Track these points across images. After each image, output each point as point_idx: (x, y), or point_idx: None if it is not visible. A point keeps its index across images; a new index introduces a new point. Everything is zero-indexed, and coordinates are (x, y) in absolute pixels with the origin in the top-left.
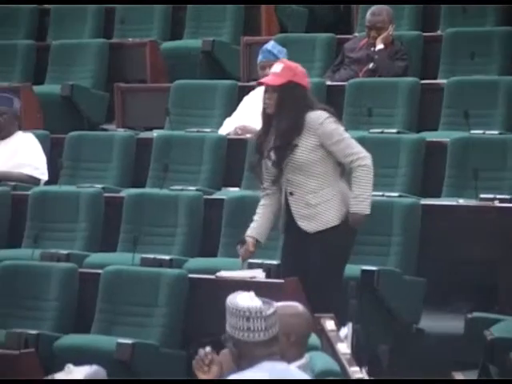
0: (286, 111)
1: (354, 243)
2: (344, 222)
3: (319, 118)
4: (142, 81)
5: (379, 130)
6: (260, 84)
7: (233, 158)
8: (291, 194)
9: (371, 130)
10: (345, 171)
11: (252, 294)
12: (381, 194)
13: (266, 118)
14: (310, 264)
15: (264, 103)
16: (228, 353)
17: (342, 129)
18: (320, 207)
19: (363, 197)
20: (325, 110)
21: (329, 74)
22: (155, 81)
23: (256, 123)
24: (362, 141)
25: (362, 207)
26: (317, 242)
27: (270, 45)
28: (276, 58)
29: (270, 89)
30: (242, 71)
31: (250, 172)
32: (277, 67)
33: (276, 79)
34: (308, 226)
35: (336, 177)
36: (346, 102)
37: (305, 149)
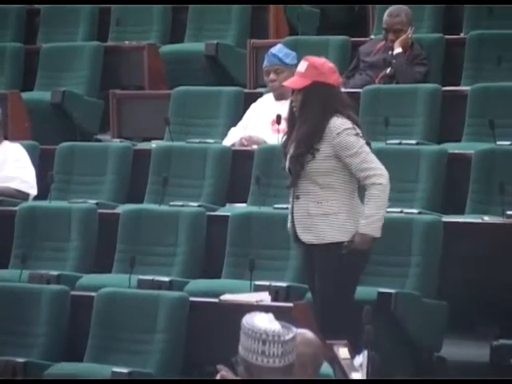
0: (308, 114)
1: (366, 264)
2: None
3: (338, 127)
4: (139, 87)
5: (397, 141)
6: (283, 86)
7: (238, 172)
8: (297, 197)
9: (388, 141)
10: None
11: (271, 315)
12: (399, 210)
13: (292, 120)
14: (316, 283)
15: (292, 106)
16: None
17: (361, 142)
18: (318, 219)
19: (375, 218)
20: (349, 118)
21: (342, 79)
22: (154, 87)
23: (264, 133)
24: (378, 153)
25: (372, 229)
26: (320, 258)
27: (276, 48)
28: (281, 63)
29: (296, 91)
30: (249, 77)
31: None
32: (301, 66)
33: (299, 81)
34: (304, 236)
35: (348, 191)
36: (361, 110)
37: (317, 156)
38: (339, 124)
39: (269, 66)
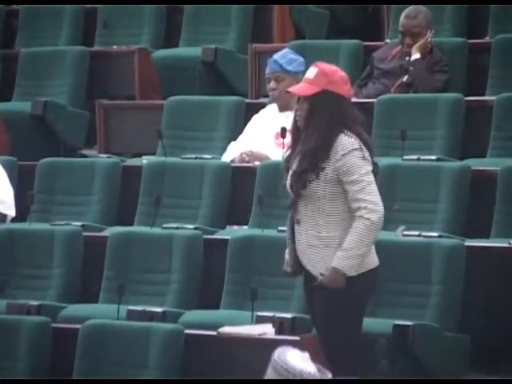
0: (315, 126)
1: (370, 296)
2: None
3: (345, 147)
4: (129, 97)
5: (415, 157)
6: (288, 93)
7: (239, 191)
8: (298, 222)
9: (405, 157)
10: None
11: (306, 354)
12: (417, 233)
13: (297, 133)
14: (316, 315)
15: (296, 115)
16: None
17: (365, 168)
18: (315, 249)
19: (352, 253)
20: (359, 136)
21: (354, 88)
22: (145, 97)
23: (267, 148)
24: (394, 170)
25: (346, 265)
26: (318, 291)
27: (279, 54)
28: (282, 70)
29: (301, 99)
30: (250, 85)
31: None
32: (310, 72)
33: (307, 88)
34: (310, 267)
35: (351, 221)
36: (375, 122)
37: (321, 177)
38: (346, 144)
39: (269, 74)
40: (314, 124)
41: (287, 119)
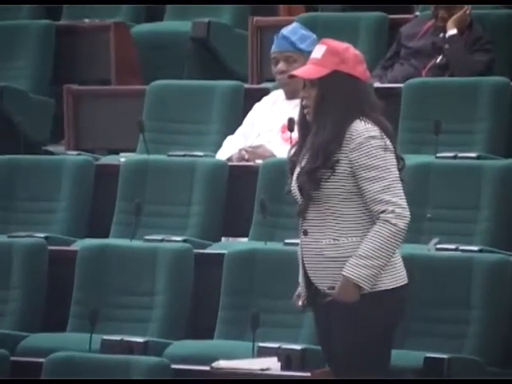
0: (328, 115)
1: (399, 320)
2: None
3: (361, 134)
4: (103, 81)
5: (451, 154)
6: (292, 77)
7: (237, 195)
8: (305, 233)
9: (439, 154)
10: None
11: None
12: (454, 247)
13: (304, 126)
14: (333, 348)
15: (301, 105)
16: None
17: (389, 161)
18: (334, 263)
19: (370, 263)
20: (378, 123)
21: (378, 71)
22: (123, 81)
23: (272, 143)
24: (425, 170)
25: (360, 275)
26: (337, 315)
27: (289, 29)
28: (294, 49)
29: (307, 83)
30: (251, 67)
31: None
32: (317, 51)
33: (314, 70)
34: (318, 282)
35: (370, 226)
36: (403, 112)
37: (336, 173)
38: (363, 129)
39: (277, 53)
40: (325, 112)
41: (296, 109)
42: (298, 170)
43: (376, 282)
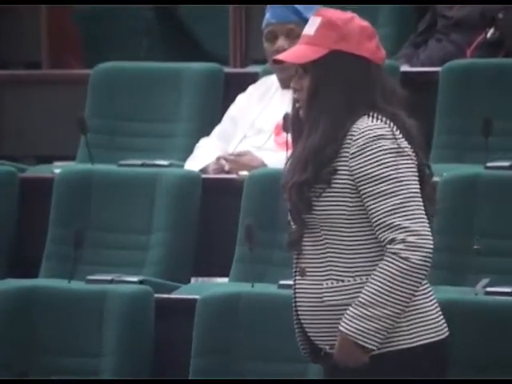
0: (323, 111)
1: None
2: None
3: (364, 134)
4: (32, 64)
5: (506, 164)
6: (276, 62)
7: (214, 219)
8: (302, 273)
9: (490, 164)
10: None
11: None
12: (510, 290)
13: (298, 127)
14: None
15: (293, 98)
16: None
17: (402, 171)
18: (338, 312)
19: (370, 313)
20: (393, 118)
21: (406, 50)
22: (58, 64)
23: (262, 149)
24: (471, 184)
25: (357, 329)
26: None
27: None
28: (300, 19)
29: (299, 70)
30: (233, 44)
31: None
32: (310, 25)
33: (305, 51)
34: (319, 339)
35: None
36: (440, 105)
37: (334, 185)
38: (366, 128)
39: (275, 25)
40: (319, 108)
41: None
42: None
43: (393, 337)
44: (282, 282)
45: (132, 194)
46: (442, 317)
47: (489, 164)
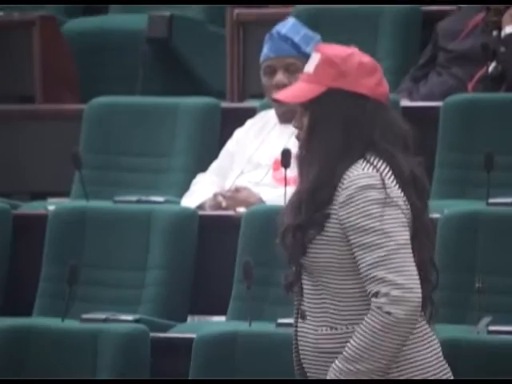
0: (318, 151)
1: None
2: None
3: (352, 183)
4: (25, 98)
5: (509, 200)
6: (276, 102)
7: (210, 256)
8: (303, 315)
9: (492, 200)
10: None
11: None
12: None
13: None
14: None
15: (296, 136)
16: None
17: (389, 223)
18: (332, 358)
19: (354, 368)
20: (389, 160)
21: (406, 84)
22: (53, 98)
23: (260, 185)
24: (473, 222)
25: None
26: None
27: (287, 25)
28: (299, 53)
29: (300, 109)
30: (230, 79)
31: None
32: (311, 62)
33: (303, 89)
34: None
35: None
36: (441, 140)
37: (327, 231)
38: (356, 176)
39: (274, 59)
40: (316, 147)
41: (293, 137)
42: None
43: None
44: (280, 321)
45: (127, 231)
46: (439, 359)
47: (491, 200)
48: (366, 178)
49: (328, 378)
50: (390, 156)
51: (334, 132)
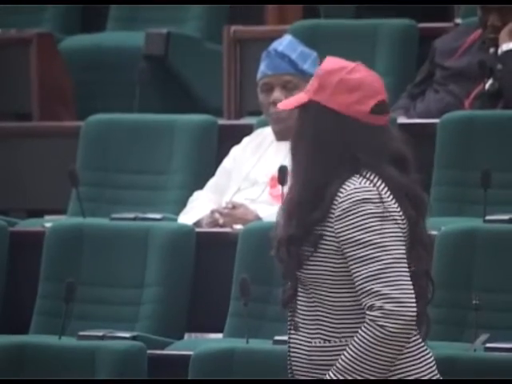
0: (300, 163)
1: None
2: None
3: (348, 197)
4: (22, 116)
5: (506, 217)
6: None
7: (207, 273)
8: (295, 327)
9: (489, 217)
10: None
11: None
12: (510, 346)
13: None
14: None
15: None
16: None
17: (387, 237)
18: (325, 371)
19: (346, 379)
20: (381, 175)
21: (403, 101)
22: (50, 116)
23: (257, 202)
24: (469, 238)
25: None
26: None
27: (284, 43)
28: (296, 71)
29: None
30: (227, 96)
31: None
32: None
33: (294, 98)
34: None
35: None
36: (438, 157)
37: (321, 248)
38: (352, 190)
39: (272, 77)
40: (297, 158)
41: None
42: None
43: None
44: (277, 338)
45: (124, 248)
46: (433, 373)
47: (488, 217)
48: (362, 191)
49: None
50: (382, 171)
51: (307, 145)
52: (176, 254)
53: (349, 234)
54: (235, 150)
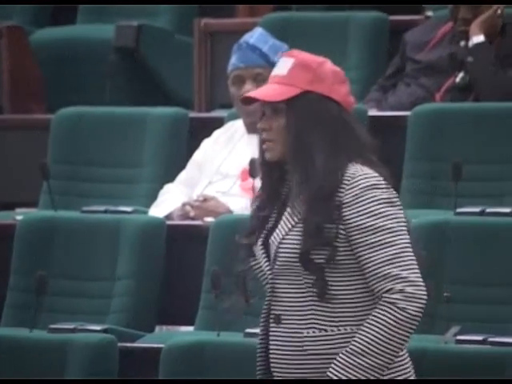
0: (312, 149)
1: None
2: None
3: (357, 183)
4: None
5: (476, 209)
6: (247, 100)
7: (178, 266)
8: (277, 319)
9: (460, 209)
10: None
11: None
12: (481, 338)
13: (268, 170)
14: None
15: (260, 139)
16: None
17: (399, 222)
18: (319, 361)
19: (363, 362)
20: (376, 169)
21: (374, 94)
22: (20, 109)
23: (227, 195)
24: (440, 231)
25: (349, 379)
26: None
27: (255, 36)
28: (267, 63)
29: (268, 111)
30: (198, 88)
31: (236, 283)
32: (282, 66)
33: (279, 90)
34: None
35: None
36: (409, 150)
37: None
38: (360, 176)
39: (243, 69)
40: (307, 147)
41: None
42: (275, 235)
43: None
44: (248, 331)
45: (95, 241)
46: (410, 366)
47: (458, 210)
48: (370, 177)
49: (329, 373)
50: (372, 163)
51: (320, 134)
52: (147, 246)
53: (359, 220)
54: (206, 143)
